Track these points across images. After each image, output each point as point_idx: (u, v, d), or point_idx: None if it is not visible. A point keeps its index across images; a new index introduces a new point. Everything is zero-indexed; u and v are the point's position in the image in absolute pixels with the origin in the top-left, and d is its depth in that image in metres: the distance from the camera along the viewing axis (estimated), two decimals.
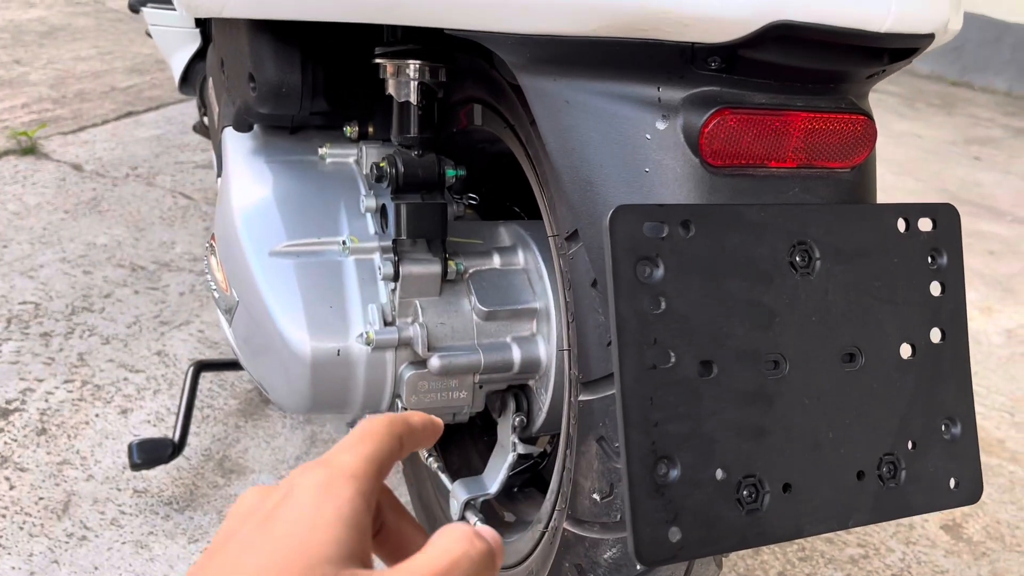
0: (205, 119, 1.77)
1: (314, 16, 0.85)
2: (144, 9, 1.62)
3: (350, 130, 1.17)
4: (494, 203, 1.29)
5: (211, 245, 1.20)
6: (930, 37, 0.66)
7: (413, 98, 1.00)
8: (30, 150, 2.48)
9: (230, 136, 1.21)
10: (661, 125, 0.69)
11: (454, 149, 1.14)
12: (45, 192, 2.30)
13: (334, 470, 0.32)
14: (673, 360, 0.61)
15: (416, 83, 1.00)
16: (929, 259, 0.74)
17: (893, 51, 0.67)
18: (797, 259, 0.69)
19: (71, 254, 2.03)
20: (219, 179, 1.39)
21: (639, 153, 0.69)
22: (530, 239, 1.10)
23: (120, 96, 2.95)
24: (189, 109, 2.83)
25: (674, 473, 0.60)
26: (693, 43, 0.65)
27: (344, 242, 1.06)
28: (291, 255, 1.05)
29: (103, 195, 2.32)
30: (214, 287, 1.18)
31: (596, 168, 0.71)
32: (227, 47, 1.21)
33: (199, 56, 1.59)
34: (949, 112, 4.62)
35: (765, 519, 0.63)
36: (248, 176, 1.15)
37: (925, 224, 0.74)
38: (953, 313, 0.75)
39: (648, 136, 0.69)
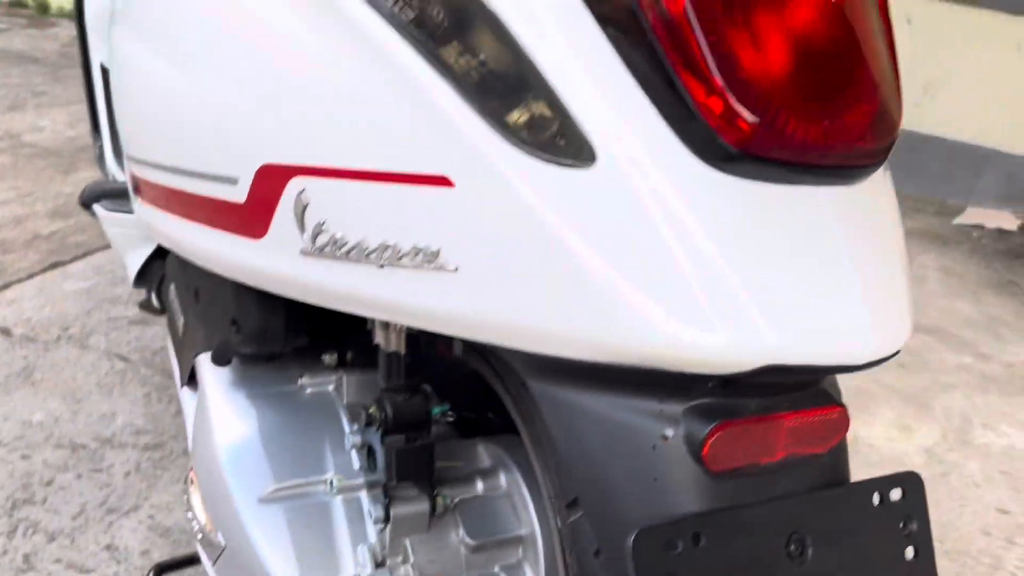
0: (154, 301, 1.76)
1: (319, 304, 0.89)
2: (97, 208, 1.63)
3: (329, 359, 1.20)
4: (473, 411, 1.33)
5: (191, 479, 1.19)
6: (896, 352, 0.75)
7: (402, 347, 1.05)
8: None
9: (206, 365, 1.22)
10: (665, 436, 0.75)
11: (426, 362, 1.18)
12: None
13: None
14: None
15: (404, 335, 1.04)
16: (901, 525, 0.82)
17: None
18: (792, 548, 0.75)
19: (7, 436, 1.96)
20: (183, 390, 1.39)
21: (647, 463, 0.75)
22: (510, 461, 1.14)
23: (44, 244, 2.89)
24: (116, 256, 2.78)
25: None
26: (693, 374, 0.72)
27: (331, 482, 1.08)
28: (280, 500, 1.06)
29: (35, 363, 2.25)
30: (196, 526, 1.18)
31: (604, 471, 0.77)
32: (203, 282, 1.23)
33: (157, 254, 1.59)
34: None
35: None
36: (228, 411, 1.16)
37: (895, 494, 0.82)
38: (925, 573, 0.83)
39: (654, 447, 0.75)
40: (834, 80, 0.71)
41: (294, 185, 0.82)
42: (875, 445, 2.48)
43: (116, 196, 1.62)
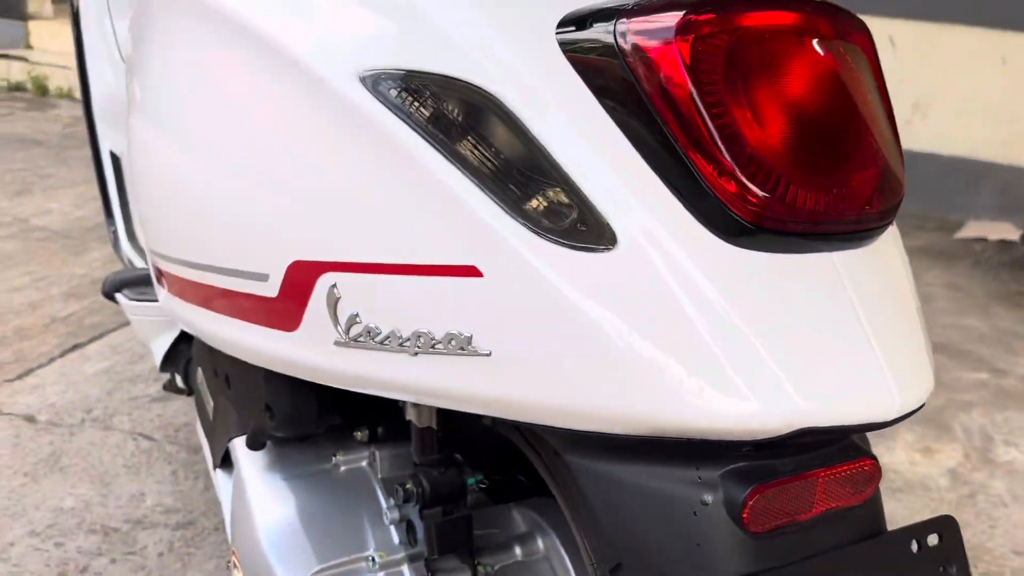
0: (179, 383, 1.79)
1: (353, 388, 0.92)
2: (120, 297, 1.66)
3: (361, 435, 1.22)
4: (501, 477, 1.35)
5: (234, 563, 1.21)
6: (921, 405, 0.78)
7: (434, 423, 1.07)
8: None
9: (241, 449, 1.24)
10: (705, 502, 0.77)
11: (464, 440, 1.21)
12: (1, 454, 2.24)
13: None
14: None
15: (435, 412, 1.07)
16: (941, 569, 0.84)
17: None
18: None
19: (39, 525, 1.98)
20: (216, 472, 1.41)
21: (688, 528, 0.77)
22: (546, 524, 1.16)
23: (61, 327, 2.92)
24: (132, 334, 2.82)
25: None
26: (727, 441, 0.74)
27: (372, 558, 1.10)
28: None
29: (62, 448, 2.27)
30: None
31: (646, 537, 0.78)
32: (233, 368, 1.26)
33: (183, 337, 1.62)
34: None
35: None
36: (266, 494, 1.18)
37: (933, 539, 0.84)
38: None
39: (695, 513, 0.77)
40: (838, 149, 0.74)
41: (325, 280, 0.85)
42: (899, 470, 2.49)
43: (138, 284, 1.66)
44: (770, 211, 0.71)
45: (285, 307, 0.90)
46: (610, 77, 0.73)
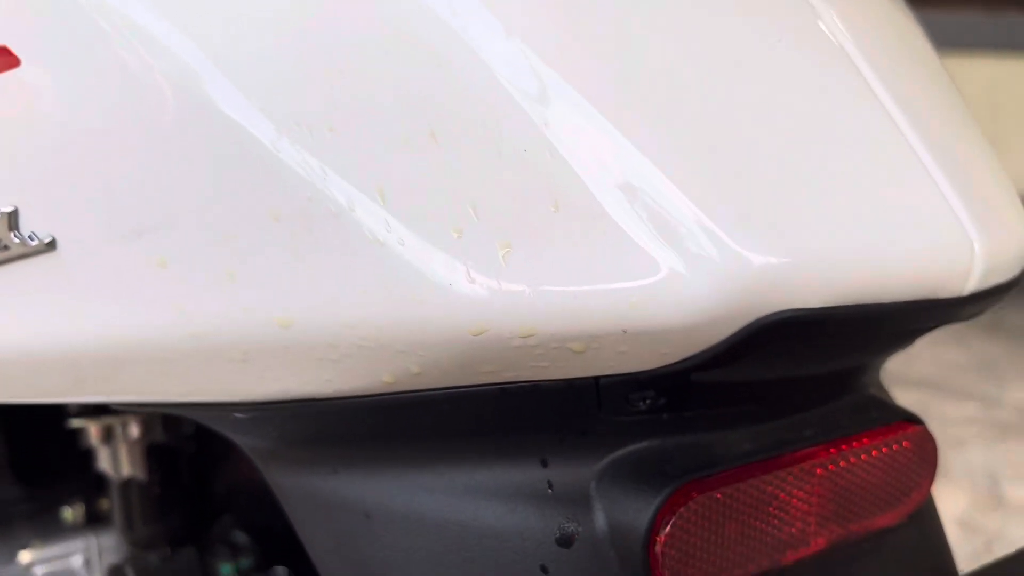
0: None
1: None
2: None
3: (71, 514, 0.75)
4: None
5: None
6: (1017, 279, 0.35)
7: (141, 472, 0.62)
8: None
9: None
10: (565, 539, 0.33)
11: (242, 504, 0.75)
12: None
13: None
14: None
15: (143, 447, 0.62)
16: None
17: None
18: None
19: None
20: None
21: None
22: None
23: None
24: None
25: None
26: (598, 377, 0.31)
27: None
28: None
29: None
30: None
31: None
32: None
33: None
34: None
35: None
36: None
37: None
38: None
39: (544, 568, 0.33)
40: None
41: None
42: None
43: None
44: None
45: None
46: None
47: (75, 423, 0.61)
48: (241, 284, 0.30)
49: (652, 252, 0.28)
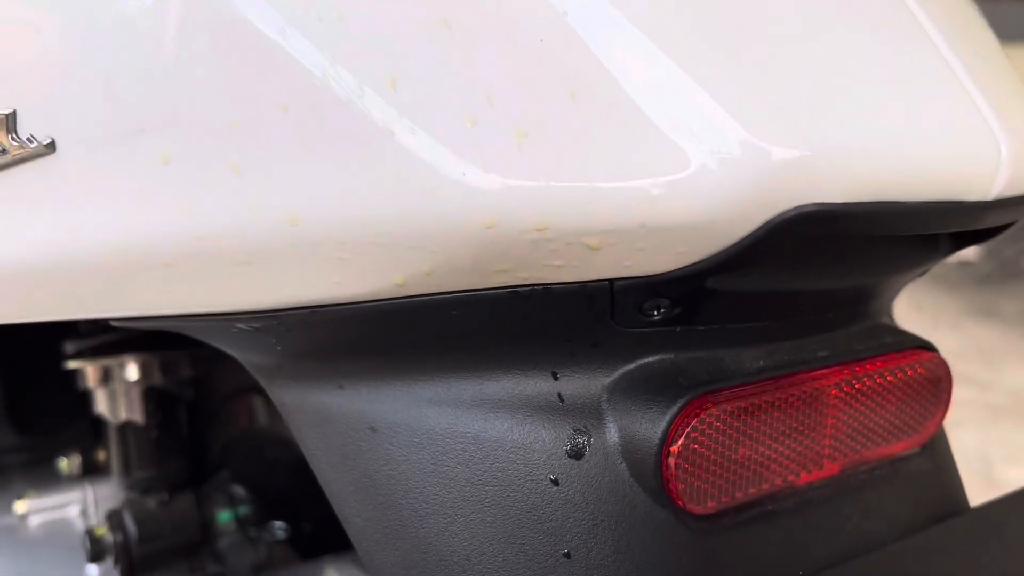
0: None
1: None
2: None
3: (67, 464, 0.75)
4: (314, 520, 0.88)
5: None
6: None
7: (139, 415, 0.61)
8: None
9: None
10: (576, 454, 0.32)
11: (238, 460, 0.74)
12: None
13: None
14: None
15: (141, 389, 0.61)
16: None
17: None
18: None
19: None
20: None
21: (544, 519, 0.32)
22: None
23: None
24: None
25: None
26: (613, 280, 0.30)
27: None
28: None
29: None
30: None
31: (455, 554, 0.33)
32: None
33: None
34: None
35: None
36: None
37: None
38: None
39: (555, 480, 0.32)
40: None
41: None
42: None
43: None
44: None
45: None
46: None
47: (72, 364, 0.60)
48: (247, 179, 0.29)
49: (673, 145, 0.27)
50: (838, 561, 0.35)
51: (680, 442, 0.31)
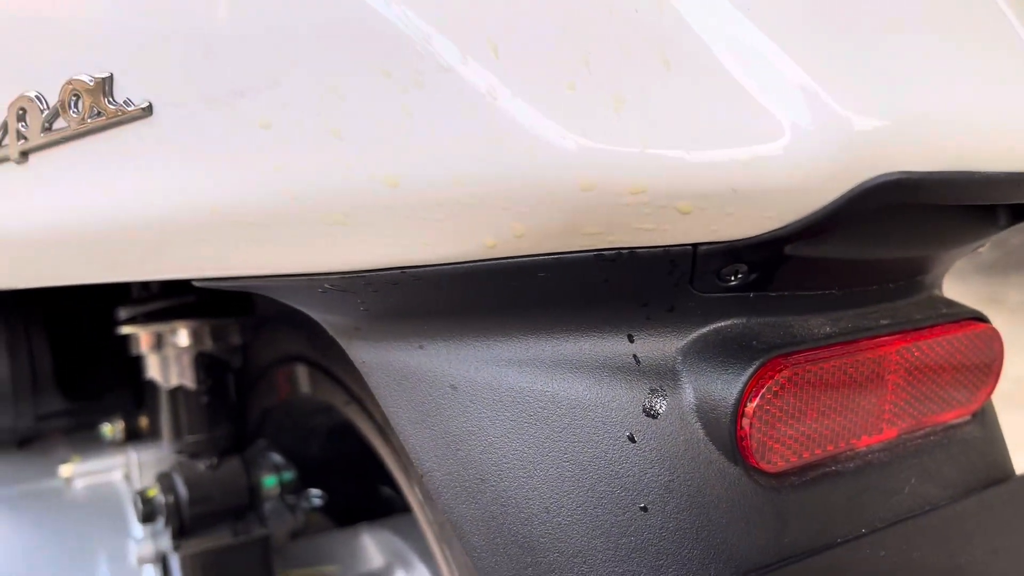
0: None
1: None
2: None
3: (111, 430, 0.76)
4: (350, 489, 0.89)
5: None
6: None
7: (190, 380, 0.62)
8: None
9: None
10: (652, 413, 0.34)
11: (276, 429, 0.76)
12: None
13: None
14: None
15: (192, 355, 0.62)
16: None
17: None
18: None
19: None
20: None
21: (621, 474, 0.33)
22: (411, 551, 0.71)
23: None
24: None
25: None
26: (697, 245, 0.31)
27: None
28: None
29: None
30: None
31: (533, 506, 0.34)
32: None
33: None
34: None
35: None
36: None
37: None
38: None
39: (631, 437, 0.33)
40: None
41: None
42: None
43: None
44: None
45: None
46: None
47: (125, 330, 0.62)
48: (348, 142, 0.31)
49: (766, 112, 0.28)
50: (897, 520, 0.36)
51: (755, 403, 0.33)
